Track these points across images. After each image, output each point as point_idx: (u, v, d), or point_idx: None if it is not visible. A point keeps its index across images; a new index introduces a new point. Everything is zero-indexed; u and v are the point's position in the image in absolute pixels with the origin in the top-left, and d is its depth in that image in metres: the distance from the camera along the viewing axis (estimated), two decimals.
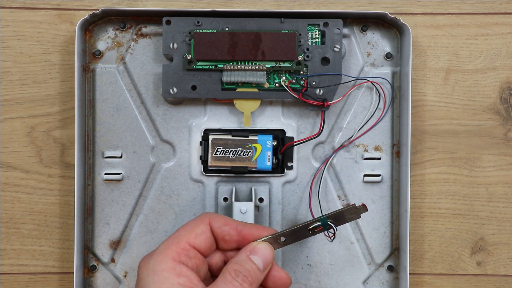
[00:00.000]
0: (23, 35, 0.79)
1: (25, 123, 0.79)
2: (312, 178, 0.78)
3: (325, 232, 0.68)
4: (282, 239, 0.67)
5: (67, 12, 0.79)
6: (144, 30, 0.77)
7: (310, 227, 0.67)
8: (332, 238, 0.68)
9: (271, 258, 0.65)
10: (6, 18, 0.79)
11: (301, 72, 0.74)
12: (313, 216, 0.77)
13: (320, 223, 0.67)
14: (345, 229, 0.78)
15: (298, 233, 0.67)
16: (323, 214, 0.67)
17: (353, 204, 0.67)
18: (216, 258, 0.67)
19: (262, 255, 0.65)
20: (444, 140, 0.80)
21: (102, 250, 0.78)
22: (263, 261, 0.65)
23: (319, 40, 0.74)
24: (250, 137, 0.76)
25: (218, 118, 0.77)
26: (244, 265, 0.64)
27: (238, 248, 0.67)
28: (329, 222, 0.67)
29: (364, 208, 0.67)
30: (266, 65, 0.74)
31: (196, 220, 0.66)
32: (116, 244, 0.78)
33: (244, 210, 0.74)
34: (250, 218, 0.74)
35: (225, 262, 0.68)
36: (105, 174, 0.77)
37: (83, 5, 0.79)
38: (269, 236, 0.66)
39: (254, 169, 0.76)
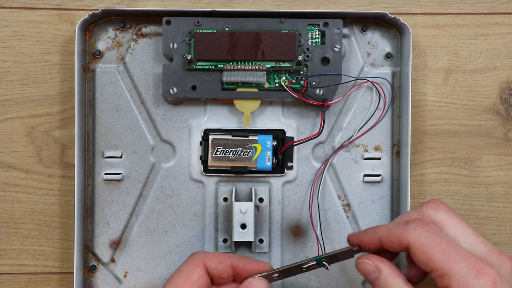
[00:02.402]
0: (23, 35, 0.79)
1: (25, 123, 0.79)
2: (313, 178, 0.78)
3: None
4: (275, 275, 0.68)
5: (67, 12, 0.79)
6: (144, 30, 0.77)
7: (305, 266, 0.68)
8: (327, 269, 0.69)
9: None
10: (6, 18, 0.79)
11: (301, 72, 0.74)
12: (311, 218, 0.77)
13: (315, 262, 0.68)
14: (345, 230, 0.78)
15: (291, 271, 0.69)
16: (318, 255, 0.69)
17: (349, 247, 0.68)
18: None
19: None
20: (444, 140, 0.80)
21: (102, 250, 0.78)
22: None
23: (319, 40, 0.74)
24: (250, 137, 0.76)
25: (218, 118, 0.77)
26: None
27: (234, 281, 0.69)
28: (323, 262, 0.68)
29: (358, 250, 0.68)
30: (266, 65, 0.74)
31: (190, 264, 0.67)
32: (116, 244, 0.78)
33: (244, 210, 0.74)
34: (250, 218, 0.74)
35: None
36: (105, 174, 0.77)
37: (83, 5, 0.79)
38: (264, 274, 0.68)
39: (254, 169, 0.76)
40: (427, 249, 0.61)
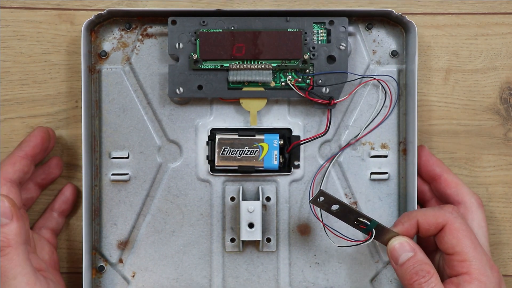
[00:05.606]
0: (23, 35, 0.78)
1: (25, 123, 0.79)
2: (320, 176, 0.78)
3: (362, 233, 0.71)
4: (335, 207, 0.69)
5: (67, 12, 0.79)
6: (149, 30, 0.77)
7: (361, 220, 0.70)
8: (365, 241, 0.71)
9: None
10: (6, 18, 0.78)
11: (307, 70, 0.75)
12: (314, 213, 0.77)
13: (369, 223, 0.70)
14: (352, 228, 0.78)
15: (348, 213, 0.70)
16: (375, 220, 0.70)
17: (395, 232, 0.70)
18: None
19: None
20: (444, 140, 0.80)
21: (110, 250, 0.77)
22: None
23: (325, 38, 0.75)
24: (257, 136, 0.76)
25: (225, 117, 0.77)
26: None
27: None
28: (373, 229, 0.70)
29: (396, 235, 0.70)
30: (272, 64, 0.74)
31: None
32: (123, 245, 0.77)
33: (251, 209, 0.74)
34: (257, 217, 0.74)
35: None
36: (112, 174, 0.77)
37: (83, 5, 0.79)
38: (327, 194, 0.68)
39: (261, 168, 0.76)
40: (460, 233, 0.68)
